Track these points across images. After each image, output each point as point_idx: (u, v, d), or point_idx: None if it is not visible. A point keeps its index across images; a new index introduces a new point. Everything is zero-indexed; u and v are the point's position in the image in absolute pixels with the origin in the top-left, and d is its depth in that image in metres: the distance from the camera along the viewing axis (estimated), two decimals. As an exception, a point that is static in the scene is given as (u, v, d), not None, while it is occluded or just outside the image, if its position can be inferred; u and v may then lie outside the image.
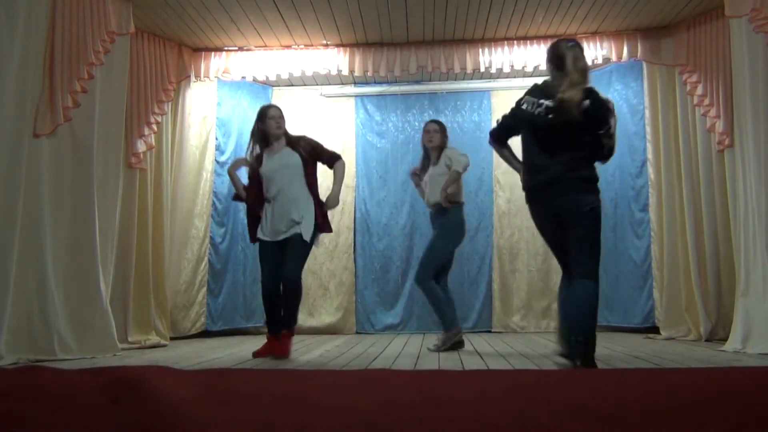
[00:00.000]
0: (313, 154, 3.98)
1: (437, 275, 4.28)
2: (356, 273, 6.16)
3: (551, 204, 2.94)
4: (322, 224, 3.93)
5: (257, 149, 4.01)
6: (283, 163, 3.91)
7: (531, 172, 2.99)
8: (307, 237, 3.81)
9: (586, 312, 2.82)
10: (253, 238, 3.99)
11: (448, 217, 4.27)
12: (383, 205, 6.17)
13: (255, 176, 3.99)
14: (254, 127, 4.01)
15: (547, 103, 2.88)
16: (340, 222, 6.11)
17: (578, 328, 2.79)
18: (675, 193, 5.15)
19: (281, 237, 3.83)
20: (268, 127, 3.94)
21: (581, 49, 3.01)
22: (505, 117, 3.17)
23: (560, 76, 2.92)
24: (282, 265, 3.78)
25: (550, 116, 2.87)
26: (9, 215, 3.40)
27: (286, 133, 3.99)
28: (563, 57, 2.93)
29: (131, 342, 4.62)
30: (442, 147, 4.38)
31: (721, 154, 4.70)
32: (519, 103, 3.07)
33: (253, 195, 3.97)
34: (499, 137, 3.23)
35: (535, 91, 3.01)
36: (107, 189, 4.32)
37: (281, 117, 3.98)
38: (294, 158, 3.92)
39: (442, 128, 4.46)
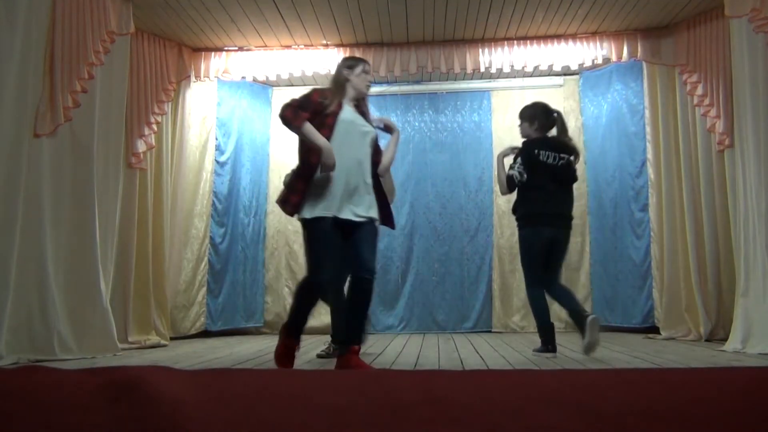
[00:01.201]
0: (376, 140, 3.23)
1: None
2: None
3: (556, 230, 3.77)
4: (389, 217, 3.22)
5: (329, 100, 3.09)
6: (366, 129, 3.14)
7: (545, 202, 3.75)
8: (378, 225, 3.11)
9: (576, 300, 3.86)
10: (299, 207, 2.97)
11: None
12: (383, 205, 6.17)
13: (322, 125, 3.00)
14: (338, 75, 3.20)
15: (569, 158, 3.81)
16: (340, 222, 6.12)
17: (576, 310, 3.66)
18: (675, 193, 5.16)
19: (355, 219, 2.97)
20: (358, 83, 3.16)
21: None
22: (521, 173, 3.78)
23: (546, 134, 3.88)
24: (357, 255, 3.00)
25: (566, 167, 3.80)
26: (9, 215, 3.40)
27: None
28: (557, 121, 3.92)
29: (131, 342, 4.62)
30: None
31: (721, 154, 4.70)
32: (536, 154, 3.76)
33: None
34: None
35: (547, 146, 3.79)
36: (107, 189, 4.32)
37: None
38: (372, 129, 3.18)
39: None
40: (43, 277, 3.68)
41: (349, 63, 3.24)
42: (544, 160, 3.75)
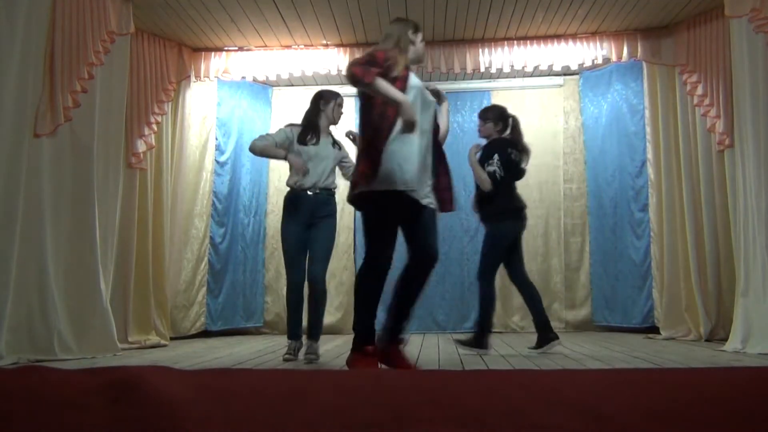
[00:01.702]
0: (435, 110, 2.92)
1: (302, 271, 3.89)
2: (356, 273, 6.14)
3: (523, 224, 4.09)
4: (449, 201, 2.94)
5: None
6: (431, 98, 2.86)
7: (515, 198, 4.05)
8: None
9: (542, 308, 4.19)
10: (372, 179, 2.64)
11: (335, 205, 3.90)
12: (383, 205, 6.16)
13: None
14: (403, 37, 2.84)
15: (528, 159, 4.16)
16: (340, 222, 6.10)
17: (544, 321, 4.07)
18: (675, 193, 5.16)
19: (423, 201, 2.77)
20: (420, 48, 2.91)
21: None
22: (500, 167, 3.98)
23: (505, 134, 4.14)
24: (426, 239, 2.80)
25: (523, 167, 4.13)
26: (9, 215, 3.40)
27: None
28: (513, 123, 4.14)
29: (131, 342, 4.62)
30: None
31: (721, 154, 4.70)
32: (509, 154, 4.00)
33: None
34: None
35: (514, 146, 4.06)
36: (107, 189, 4.32)
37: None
38: (433, 98, 2.89)
39: None
40: (43, 277, 3.68)
41: (411, 26, 2.88)
42: (513, 159, 4.03)
